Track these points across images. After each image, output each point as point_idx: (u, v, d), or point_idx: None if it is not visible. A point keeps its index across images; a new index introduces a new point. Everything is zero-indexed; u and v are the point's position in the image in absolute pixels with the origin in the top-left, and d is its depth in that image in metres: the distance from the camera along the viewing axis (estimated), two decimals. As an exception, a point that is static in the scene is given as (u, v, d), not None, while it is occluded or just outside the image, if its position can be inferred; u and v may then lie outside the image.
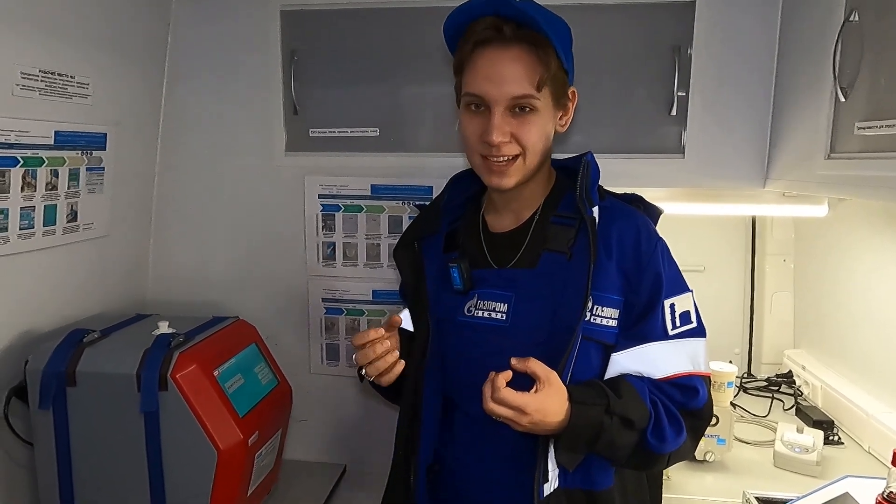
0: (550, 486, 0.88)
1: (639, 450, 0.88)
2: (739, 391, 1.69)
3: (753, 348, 1.85)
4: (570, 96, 0.98)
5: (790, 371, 1.74)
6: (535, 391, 0.81)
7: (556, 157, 1.05)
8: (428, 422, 0.97)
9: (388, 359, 0.90)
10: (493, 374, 0.81)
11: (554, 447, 0.87)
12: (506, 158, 0.91)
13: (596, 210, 0.93)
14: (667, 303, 0.92)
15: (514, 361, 0.83)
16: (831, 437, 1.41)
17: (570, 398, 0.84)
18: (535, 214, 0.99)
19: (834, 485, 1.01)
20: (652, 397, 0.89)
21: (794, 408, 1.58)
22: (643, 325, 0.92)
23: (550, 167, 1.03)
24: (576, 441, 0.85)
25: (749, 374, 1.82)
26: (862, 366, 1.48)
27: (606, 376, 0.92)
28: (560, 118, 0.97)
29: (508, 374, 0.81)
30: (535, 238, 0.97)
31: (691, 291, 0.96)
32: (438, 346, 0.97)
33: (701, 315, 0.96)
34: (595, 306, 0.90)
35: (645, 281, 0.92)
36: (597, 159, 1.00)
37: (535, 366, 0.82)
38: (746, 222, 1.84)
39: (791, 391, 1.67)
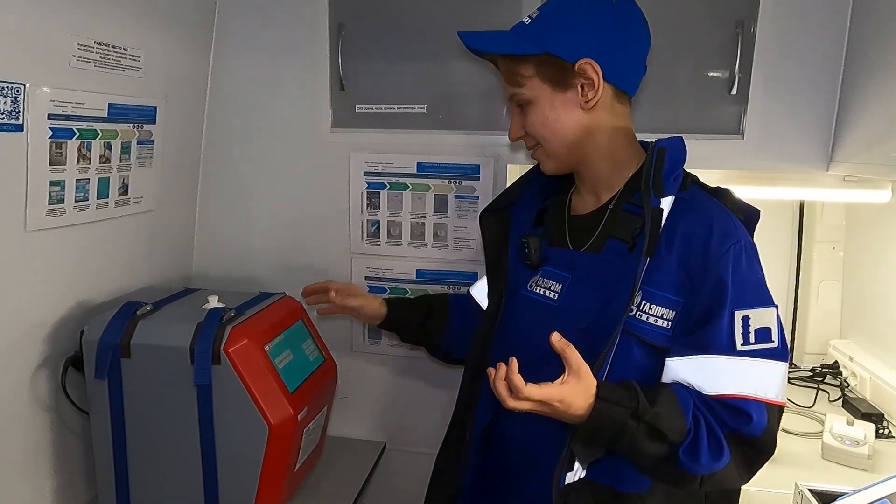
0: (575, 475, 0.86)
1: (668, 464, 0.83)
2: (783, 380, 1.67)
3: (797, 338, 1.82)
4: (583, 70, 0.90)
5: (836, 361, 1.70)
6: (562, 381, 0.79)
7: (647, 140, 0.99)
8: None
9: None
10: (502, 368, 0.79)
11: (571, 437, 0.84)
12: (532, 149, 1.00)
13: (668, 200, 0.88)
14: (738, 314, 0.83)
15: (555, 338, 0.81)
16: (881, 431, 1.38)
17: (598, 394, 0.80)
18: (613, 199, 0.97)
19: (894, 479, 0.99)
20: (696, 413, 0.82)
21: (841, 399, 1.55)
22: (702, 333, 0.84)
23: (637, 147, 0.98)
24: (593, 437, 0.82)
25: (792, 363, 1.79)
26: (915, 358, 1.44)
27: (662, 381, 0.87)
28: (581, 94, 0.91)
29: (514, 366, 0.79)
30: (607, 223, 0.95)
31: (776, 307, 0.86)
32: (504, 315, 1.02)
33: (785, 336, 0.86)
34: (644, 303, 0.85)
35: (707, 284, 0.84)
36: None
37: (572, 355, 0.80)
38: (794, 207, 1.79)
39: (836, 382, 1.63)
